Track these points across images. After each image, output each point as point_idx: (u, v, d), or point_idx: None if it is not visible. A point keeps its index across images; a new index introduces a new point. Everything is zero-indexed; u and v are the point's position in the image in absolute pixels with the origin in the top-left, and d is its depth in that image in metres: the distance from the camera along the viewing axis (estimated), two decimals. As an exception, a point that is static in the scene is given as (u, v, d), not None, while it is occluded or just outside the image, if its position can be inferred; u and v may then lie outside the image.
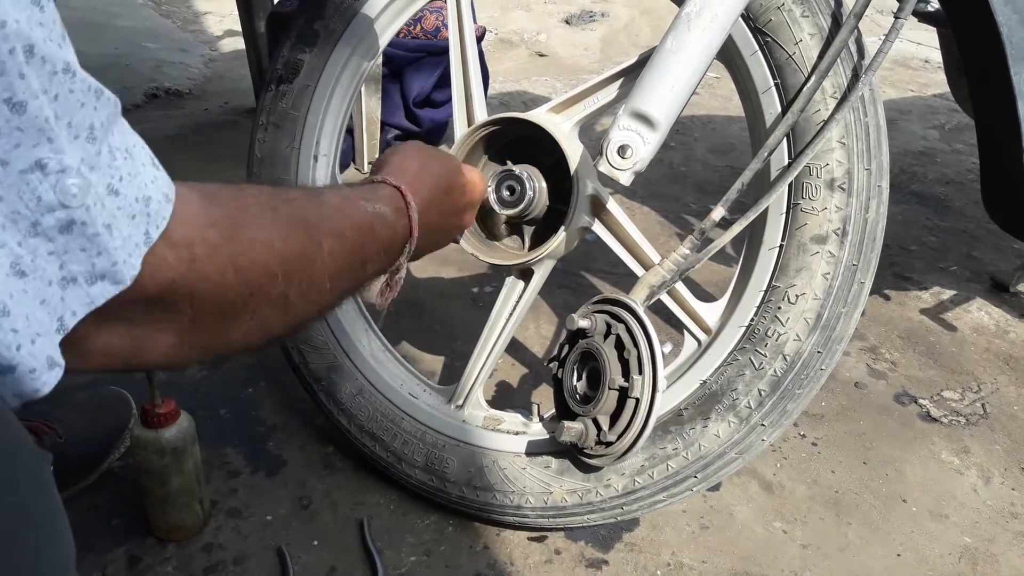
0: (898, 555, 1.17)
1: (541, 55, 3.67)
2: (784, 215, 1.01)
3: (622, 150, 0.93)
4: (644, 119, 0.92)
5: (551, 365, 1.08)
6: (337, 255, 0.66)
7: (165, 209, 0.47)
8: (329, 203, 0.69)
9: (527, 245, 1.13)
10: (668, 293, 1.06)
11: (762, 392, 1.01)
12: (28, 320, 0.41)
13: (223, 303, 0.53)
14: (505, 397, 1.45)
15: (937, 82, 3.42)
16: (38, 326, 0.42)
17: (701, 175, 2.45)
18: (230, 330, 0.56)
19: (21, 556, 0.54)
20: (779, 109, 0.99)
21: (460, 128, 1.12)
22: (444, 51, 2.27)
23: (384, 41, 1.23)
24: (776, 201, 1.01)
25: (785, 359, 1.00)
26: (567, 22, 4.14)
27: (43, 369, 0.42)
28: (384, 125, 2.31)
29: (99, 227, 0.43)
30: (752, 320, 1.03)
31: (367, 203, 0.73)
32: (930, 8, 1.57)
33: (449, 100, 2.36)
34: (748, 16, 0.99)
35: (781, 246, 1.01)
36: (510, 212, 1.05)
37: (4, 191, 0.39)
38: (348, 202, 0.72)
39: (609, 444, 0.97)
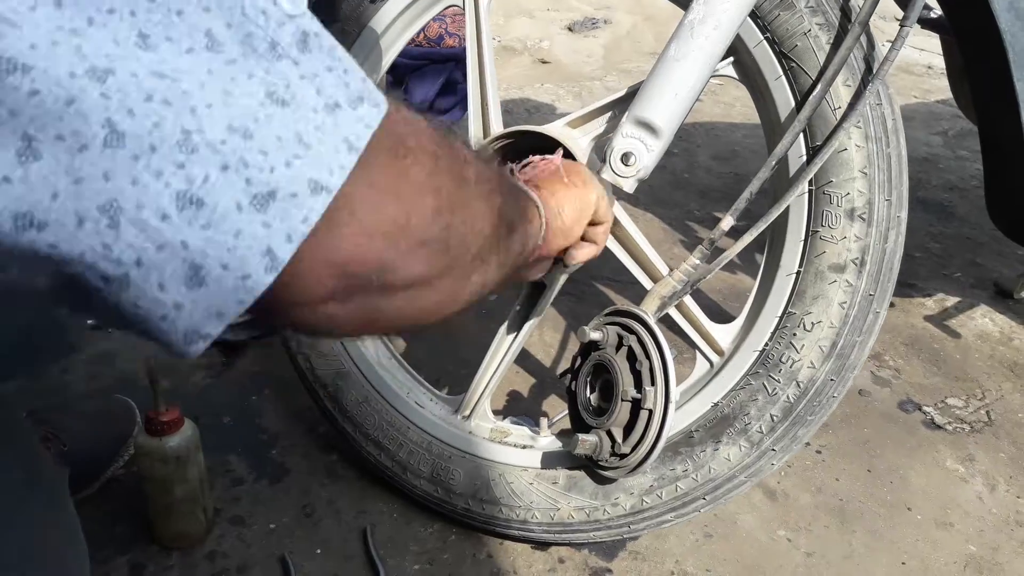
0: (903, 563, 1.17)
1: (544, 62, 3.67)
2: (803, 242, 1.01)
3: (626, 157, 0.93)
4: (647, 126, 0.92)
5: (564, 378, 1.08)
6: (511, 247, 0.62)
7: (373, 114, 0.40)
8: (518, 194, 0.65)
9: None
10: (681, 313, 1.06)
11: (774, 417, 1.01)
12: (282, 142, 0.36)
13: (409, 278, 0.46)
14: (511, 406, 1.45)
15: (940, 88, 3.42)
16: (310, 143, 0.36)
17: (704, 182, 2.45)
18: (388, 276, 0.46)
19: (41, 571, 0.54)
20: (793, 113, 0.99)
21: (475, 139, 1.12)
22: (447, 59, 2.28)
23: (397, 48, 1.23)
24: (795, 227, 1.01)
25: (798, 386, 1.00)
26: (570, 29, 4.14)
27: (305, 195, 0.36)
28: (387, 132, 2.31)
29: (331, 42, 0.39)
30: (767, 345, 1.03)
31: (505, 184, 0.66)
32: (933, 15, 1.57)
33: (452, 108, 2.38)
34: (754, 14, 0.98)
35: (799, 272, 1.01)
36: None
37: (224, 13, 0.35)
38: (521, 194, 0.68)
39: (624, 456, 0.96)
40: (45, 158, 0.31)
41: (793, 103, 0.99)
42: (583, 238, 0.85)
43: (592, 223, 0.85)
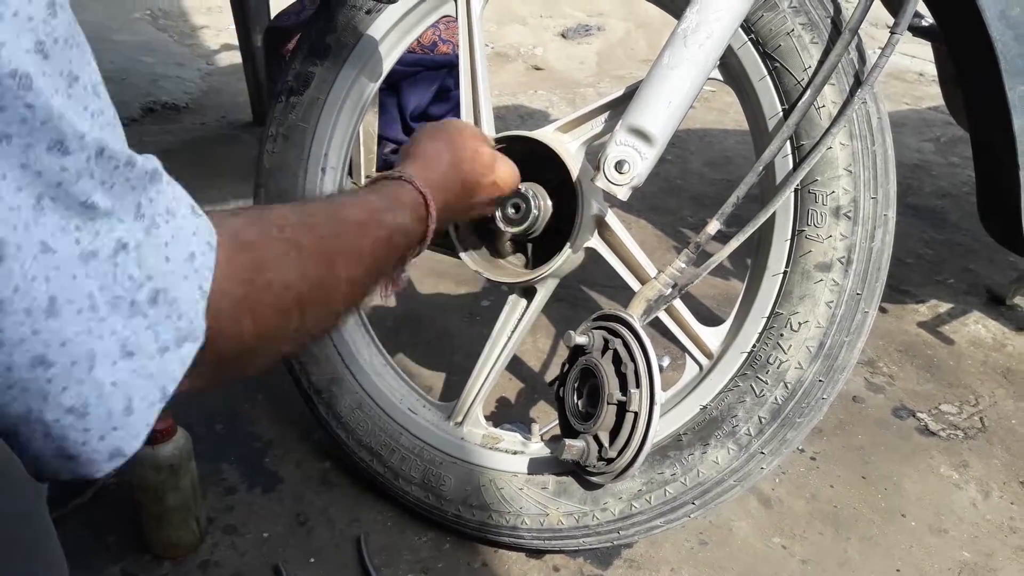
0: (897, 570, 1.17)
1: (537, 69, 3.68)
2: (789, 241, 1.01)
3: (619, 165, 0.93)
4: (641, 134, 0.93)
5: (554, 385, 1.08)
6: (356, 279, 0.67)
7: (209, 259, 0.49)
8: (352, 222, 0.69)
9: (531, 262, 1.13)
10: (671, 316, 1.06)
11: (762, 419, 1.01)
12: (109, 415, 0.44)
13: (241, 348, 0.54)
14: (503, 412, 1.45)
15: (932, 95, 3.44)
16: (134, 407, 0.45)
17: (697, 188, 2.46)
18: (248, 364, 0.58)
19: None
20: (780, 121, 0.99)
21: None
22: (441, 65, 2.28)
23: (394, 57, 1.23)
24: (781, 227, 1.01)
25: (786, 387, 1.00)
26: (563, 36, 4.15)
27: (103, 460, 0.45)
28: (381, 139, 2.31)
29: (174, 291, 0.45)
30: (754, 346, 1.03)
31: (389, 215, 0.74)
32: (924, 23, 1.58)
33: (446, 114, 2.38)
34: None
35: (785, 273, 1.01)
36: (515, 230, 1.05)
37: (100, 279, 0.41)
38: (370, 217, 0.72)
39: (611, 460, 0.96)
40: None
41: (778, 103, 0.99)
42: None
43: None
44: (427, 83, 2.32)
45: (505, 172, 0.97)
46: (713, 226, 0.99)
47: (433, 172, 0.84)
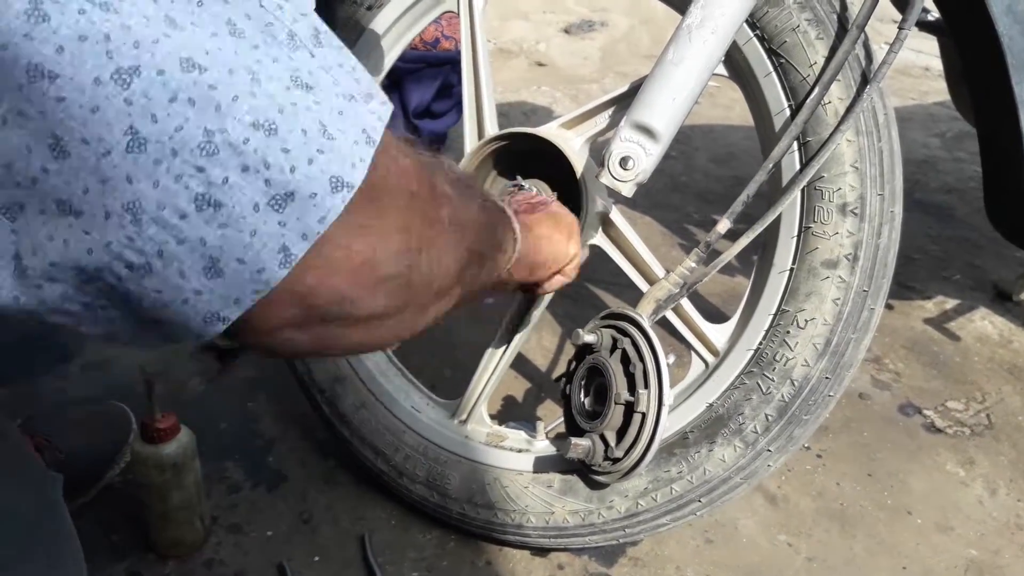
0: (904, 568, 1.16)
1: (540, 64, 3.67)
2: (795, 238, 1.00)
3: (624, 161, 0.93)
4: (646, 130, 0.92)
5: (560, 382, 1.07)
6: (477, 278, 0.62)
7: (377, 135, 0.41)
8: (497, 223, 0.65)
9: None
10: (676, 313, 1.06)
11: (769, 417, 1.00)
12: (305, 136, 0.36)
13: (367, 313, 0.46)
14: (508, 410, 1.45)
15: (938, 90, 3.42)
16: (333, 133, 0.37)
17: (702, 185, 2.45)
18: (342, 338, 0.47)
19: (31, 569, 0.53)
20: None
21: (470, 142, 1.12)
22: (443, 62, 2.27)
23: (395, 53, 1.23)
24: (787, 224, 1.00)
25: (793, 384, 0.99)
26: (566, 31, 4.14)
27: (325, 193, 0.37)
28: (384, 136, 2.31)
29: (339, 41, 0.41)
30: (760, 344, 1.02)
31: (501, 228, 0.68)
32: (930, 18, 1.57)
33: (448, 111, 2.38)
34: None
35: (791, 270, 1.00)
36: None
37: (242, 4, 0.36)
38: (503, 223, 0.67)
39: (617, 460, 0.96)
40: (73, 157, 0.33)
41: (784, 100, 0.98)
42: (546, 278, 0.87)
43: (556, 272, 0.87)
44: (430, 80, 2.31)
45: (574, 268, 0.91)
46: (723, 225, 0.98)
47: (534, 253, 0.78)
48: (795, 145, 0.98)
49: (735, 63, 1.02)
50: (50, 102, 0.32)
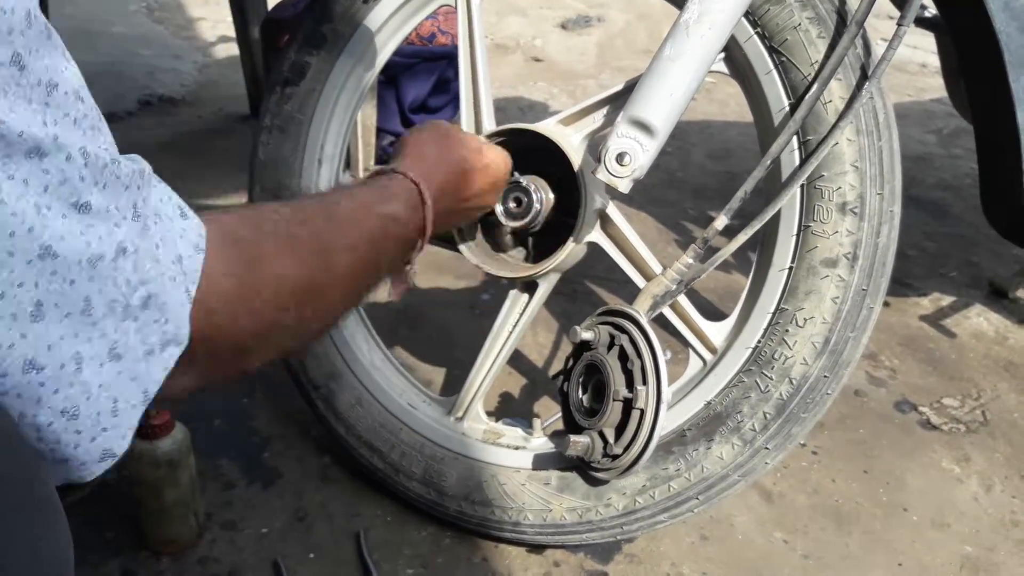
0: (899, 564, 1.16)
1: (537, 60, 3.66)
2: (795, 237, 1.00)
3: (620, 157, 0.92)
4: (643, 126, 0.92)
5: (557, 379, 1.07)
6: (351, 270, 0.67)
7: (196, 262, 0.49)
8: (343, 215, 0.69)
9: (532, 256, 1.12)
10: (674, 311, 1.05)
11: (767, 415, 1.00)
12: (98, 417, 0.44)
13: (237, 345, 0.54)
14: (504, 407, 1.44)
15: (934, 87, 3.42)
16: (119, 408, 0.45)
17: (699, 180, 2.45)
18: (245, 361, 0.57)
19: (16, 548, 0.53)
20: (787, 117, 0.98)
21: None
22: (439, 57, 2.26)
23: (391, 47, 1.22)
24: (787, 222, 1.00)
25: (791, 383, 0.99)
26: (563, 27, 4.13)
27: (94, 462, 0.47)
28: (380, 131, 2.30)
29: (163, 296, 0.45)
30: (759, 342, 1.02)
31: (381, 205, 0.74)
32: (928, 14, 1.56)
33: (445, 106, 2.37)
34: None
35: (791, 268, 1.00)
36: (516, 224, 1.04)
37: (102, 284, 0.41)
38: (362, 209, 0.72)
39: (616, 457, 0.96)
40: None
41: (784, 98, 0.98)
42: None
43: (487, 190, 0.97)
44: (426, 75, 2.30)
45: (495, 155, 0.98)
46: (721, 221, 0.98)
47: (424, 162, 0.85)
48: (794, 142, 0.98)
49: (735, 60, 1.01)
50: None
